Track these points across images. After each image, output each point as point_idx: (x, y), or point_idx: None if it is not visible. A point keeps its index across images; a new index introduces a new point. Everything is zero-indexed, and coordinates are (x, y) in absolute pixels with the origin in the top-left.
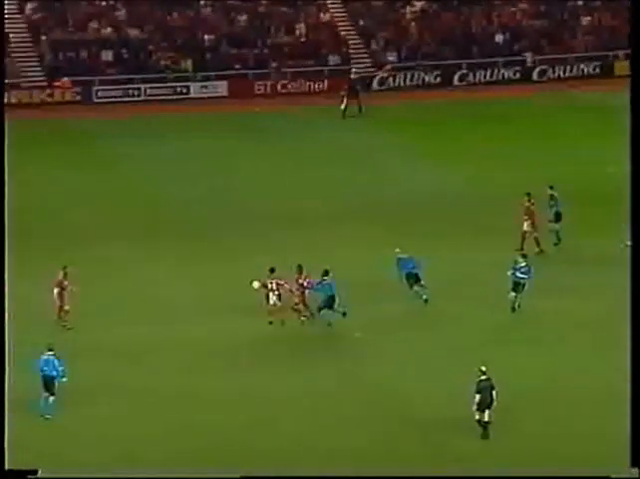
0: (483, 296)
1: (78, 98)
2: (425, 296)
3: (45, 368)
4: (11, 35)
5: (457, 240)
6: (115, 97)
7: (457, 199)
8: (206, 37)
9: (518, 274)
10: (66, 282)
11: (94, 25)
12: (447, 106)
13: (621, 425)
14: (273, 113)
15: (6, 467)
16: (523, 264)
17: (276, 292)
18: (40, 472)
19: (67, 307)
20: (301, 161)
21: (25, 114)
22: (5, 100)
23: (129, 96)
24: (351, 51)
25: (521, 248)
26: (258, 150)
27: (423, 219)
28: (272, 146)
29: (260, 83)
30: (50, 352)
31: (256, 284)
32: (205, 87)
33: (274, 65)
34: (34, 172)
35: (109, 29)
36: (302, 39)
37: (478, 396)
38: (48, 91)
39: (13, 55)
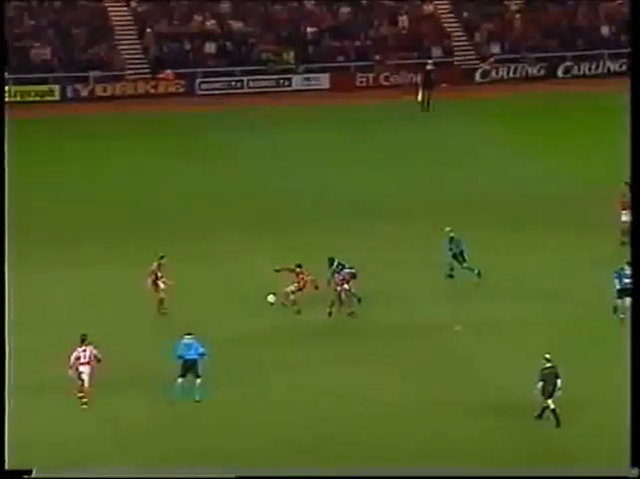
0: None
1: (181, 90)
2: (476, 270)
3: (186, 353)
4: (117, 27)
5: (562, 237)
6: (218, 89)
7: (560, 194)
8: (309, 29)
9: (625, 280)
10: (159, 273)
11: (198, 18)
12: (551, 98)
13: (621, 425)
14: (375, 105)
15: (6, 467)
16: (629, 271)
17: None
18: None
19: (162, 296)
20: (402, 154)
21: (130, 106)
22: (109, 92)
23: (231, 88)
24: (454, 43)
25: (623, 243)
26: (360, 142)
27: (525, 214)
28: (374, 139)
29: (362, 75)
30: (189, 336)
31: (271, 298)
32: (308, 79)
33: (377, 57)
34: (141, 162)
35: (212, 22)
36: (405, 31)
37: (540, 384)
38: (152, 83)
39: (119, 47)
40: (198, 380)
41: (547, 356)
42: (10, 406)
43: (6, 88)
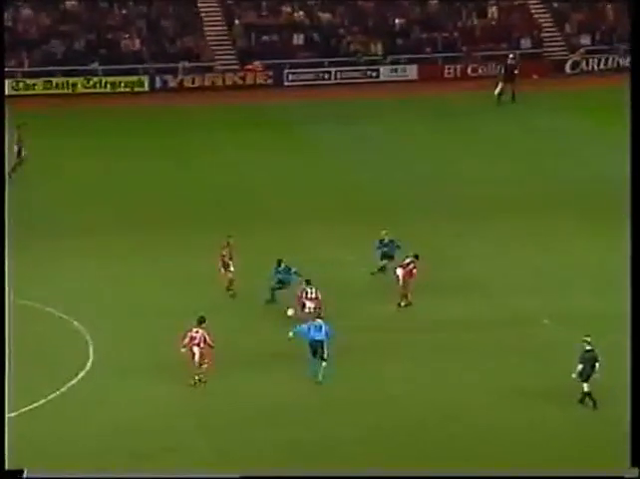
0: None
1: (269, 81)
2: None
3: (315, 334)
4: (205, 19)
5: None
6: (305, 80)
7: None
8: (397, 21)
9: None
10: (224, 252)
11: (287, 9)
12: None
13: (621, 425)
14: (462, 97)
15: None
16: None
17: None
18: (25, 473)
19: (231, 277)
20: (489, 146)
21: (217, 97)
22: (198, 83)
23: (319, 79)
24: (544, 34)
25: None
26: (447, 134)
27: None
28: (461, 131)
29: (450, 67)
30: (319, 320)
31: (290, 312)
32: (395, 71)
33: (465, 49)
34: (228, 154)
35: (301, 13)
36: (494, 22)
37: (580, 366)
38: (240, 74)
39: (207, 38)
40: (324, 363)
41: (588, 339)
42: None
43: (96, 78)
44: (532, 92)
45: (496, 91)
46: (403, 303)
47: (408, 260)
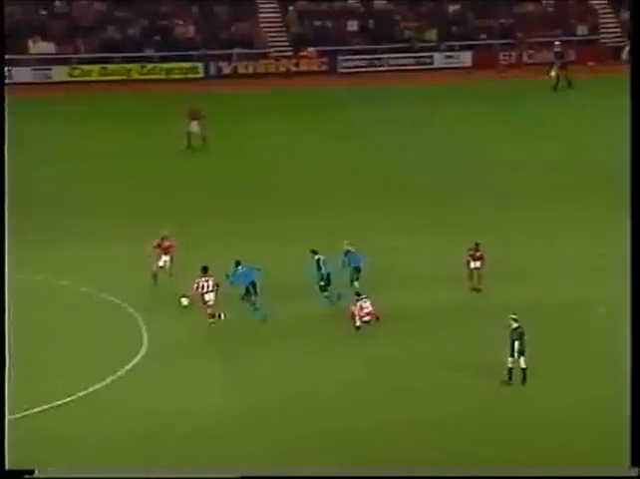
0: None
1: (323, 68)
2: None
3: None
4: (260, 5)
5: None
6: (359, 67)
7: None
8: (452, 7)
9: None
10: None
11: None
12: None
13: (621, 425)
14: (518, 83)
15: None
16: None
17: None
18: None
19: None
20: (544, 132)
21: (271, 83)
22: (251, 70)
23: (373, 66)
24: (600, 20)
25: None
26: (502, 121)
27: None
28: (516, 117)
29: (505, 53)
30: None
31: (185, 301)
32: (450, 57)
33: (520, 35)
34: (282, 139)
35: (355, 0)
36: (550, 8)
37: (516, 344)
38: (294, 60)
39: (261, 25)
40: None
41: (514, 316)
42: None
43: (151, 65)
44: (589, 79)
45: (552, 77)
46: (474, 289)
47: (474, 249)
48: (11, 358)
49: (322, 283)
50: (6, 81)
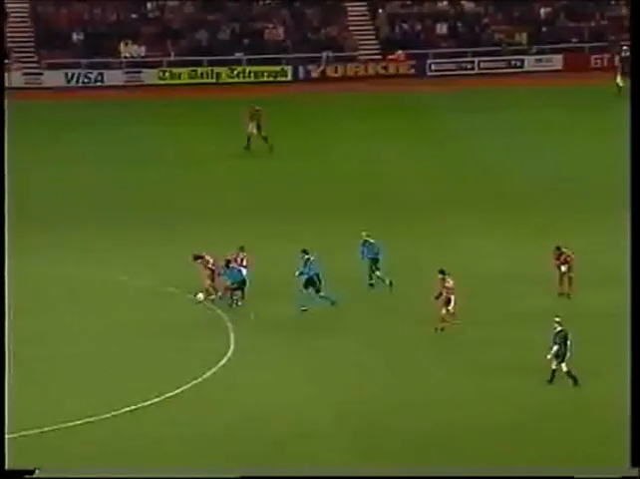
0: None
1: (412, 71)
2: (388, 280)
3: None
4: (349, 8)
5: None
6: (448, 70)
7: None
8: (543, 10)
9: None
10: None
11: None
12: None
13: (621, 425)
14: (609, 87)
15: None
16: None
17: None
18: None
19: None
20: None
21: (359, 87)
22: (340, 73)
23: (462, 69)
24: None
25: None
26: (594, 125)
27: None
28: (607, 121)
29: (597, 56)
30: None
31: (200, 296)
32: (540, 60)
33: (612, 38)
34: (369, 143)
35: (445, 2)
36: None
37: (555, 347)
38: (382, 64)
39: (350, 28)
40: None
41: (558, 319)
42: None
43: (240, 68)
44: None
45: (618, 80)
46: (565, 295)
47: (557, 253)
48: (104, 358)
49: (304, 284)
50: (98, 84)
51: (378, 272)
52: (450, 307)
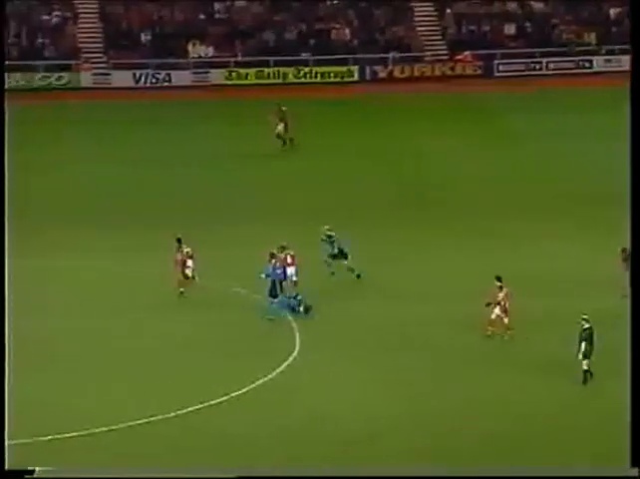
0: None
1: (479, 72)
2: (356, 272)
3: None
4: (416, 8)
5: None
6: (516, 71)
7: None
8: (612, 10)
9: None
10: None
11: None
12: None
13: (621, 425)
14: None
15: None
16: None
17: None
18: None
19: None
20: None
21: (426, 87)
22: (407, 73)
23: (530, 70)
24: None
25: None
26: None
27: None
28: None
29: None
30: None
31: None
32: (609, 61)
33: None
34: (435, 143)
35: (513, 2)
36: None
37: (584, 344)
38: (449, 64)
39: (417, 28)
40: None
41: (585, 316)
42: None
43: (307, 68)
44: None
45: None
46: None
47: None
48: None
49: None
50: (165, 84)
51: (345, 261)
52: (505, 319)
